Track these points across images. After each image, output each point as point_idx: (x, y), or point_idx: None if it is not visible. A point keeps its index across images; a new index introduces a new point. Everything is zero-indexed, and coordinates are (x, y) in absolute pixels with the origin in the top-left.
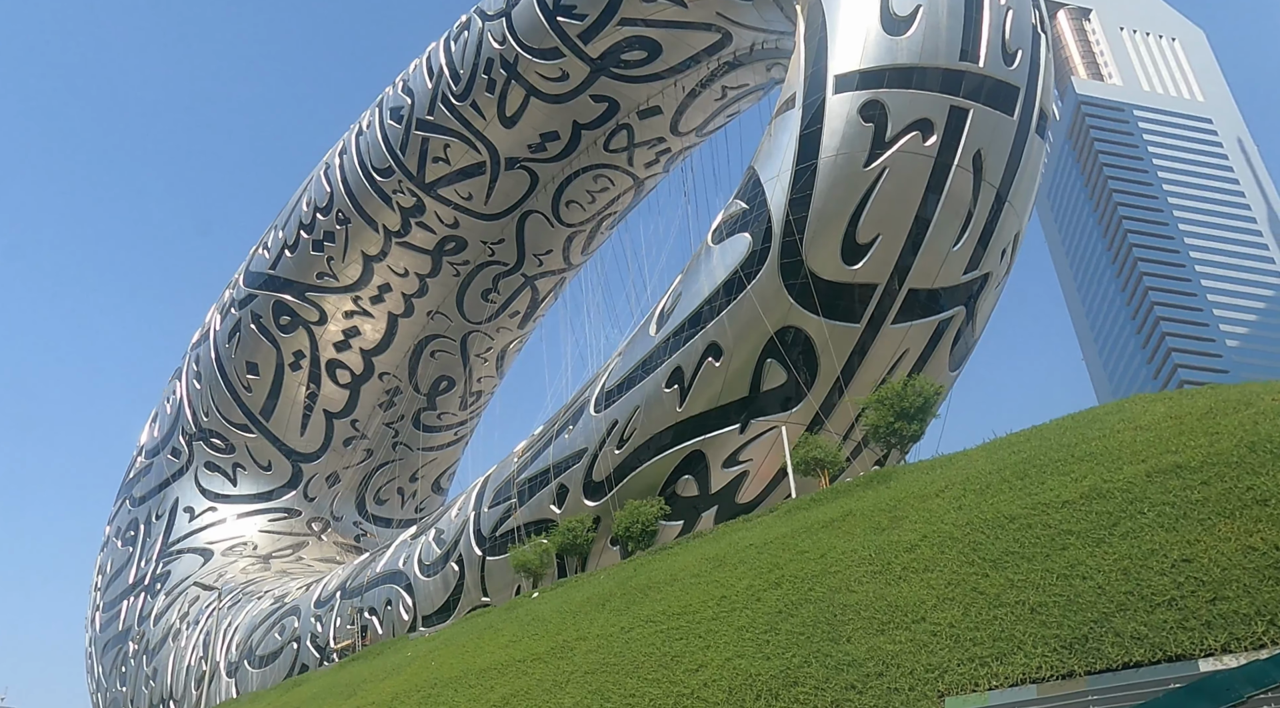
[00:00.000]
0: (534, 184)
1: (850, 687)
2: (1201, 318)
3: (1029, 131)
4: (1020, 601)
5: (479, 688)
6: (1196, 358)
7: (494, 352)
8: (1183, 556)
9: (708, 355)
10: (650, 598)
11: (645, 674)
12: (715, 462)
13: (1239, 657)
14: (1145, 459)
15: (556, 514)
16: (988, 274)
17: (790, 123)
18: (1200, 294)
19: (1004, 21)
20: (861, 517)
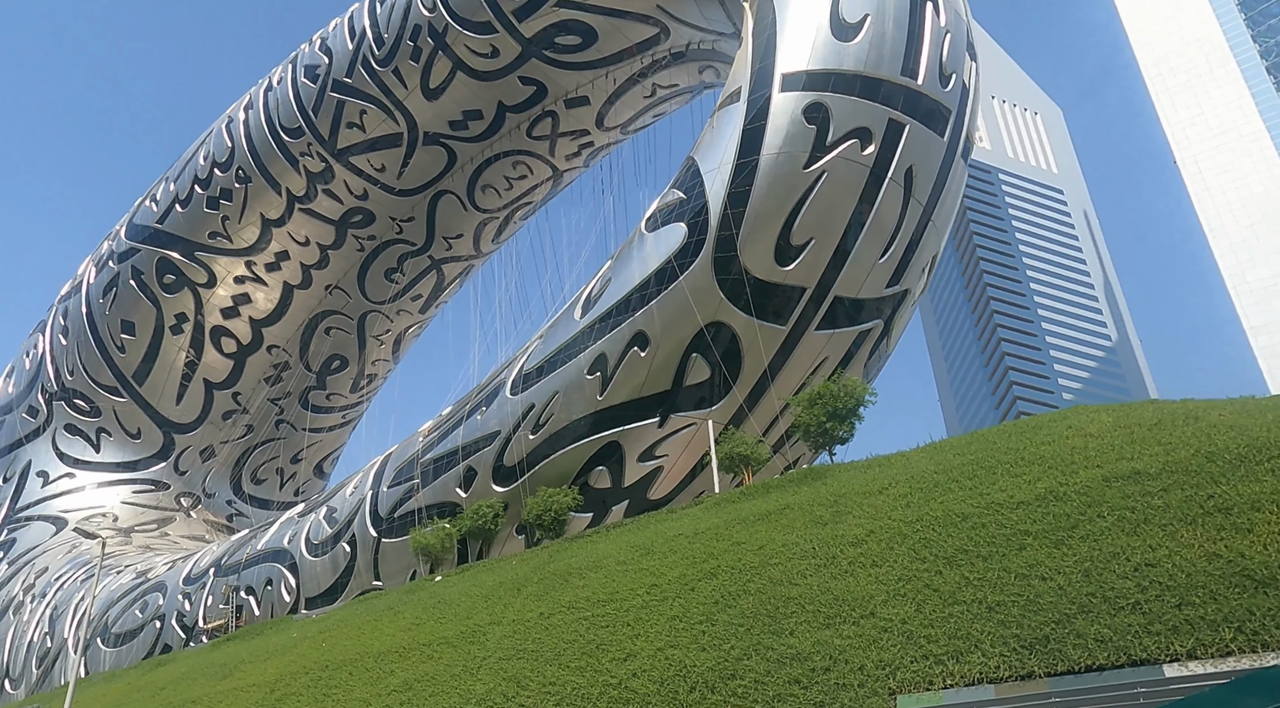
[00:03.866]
0: (451, 163)
1: (794, 681)
2: (1044, 371)
3: (956, 154)
4: (977, 599)
5: (377, 672)
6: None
7: (392, 334)
8: (1145, 560)
9: (634, 344)
10: (572, 584)
11: (568, 662)
12: (631, 454)
13: (1205, 663)
14: (1100, 465)
15: (462, 498)
16: (907, 290)
17: (734, 116)
18: (1044, 349)
19: (943, 43)
20: (800, 511)
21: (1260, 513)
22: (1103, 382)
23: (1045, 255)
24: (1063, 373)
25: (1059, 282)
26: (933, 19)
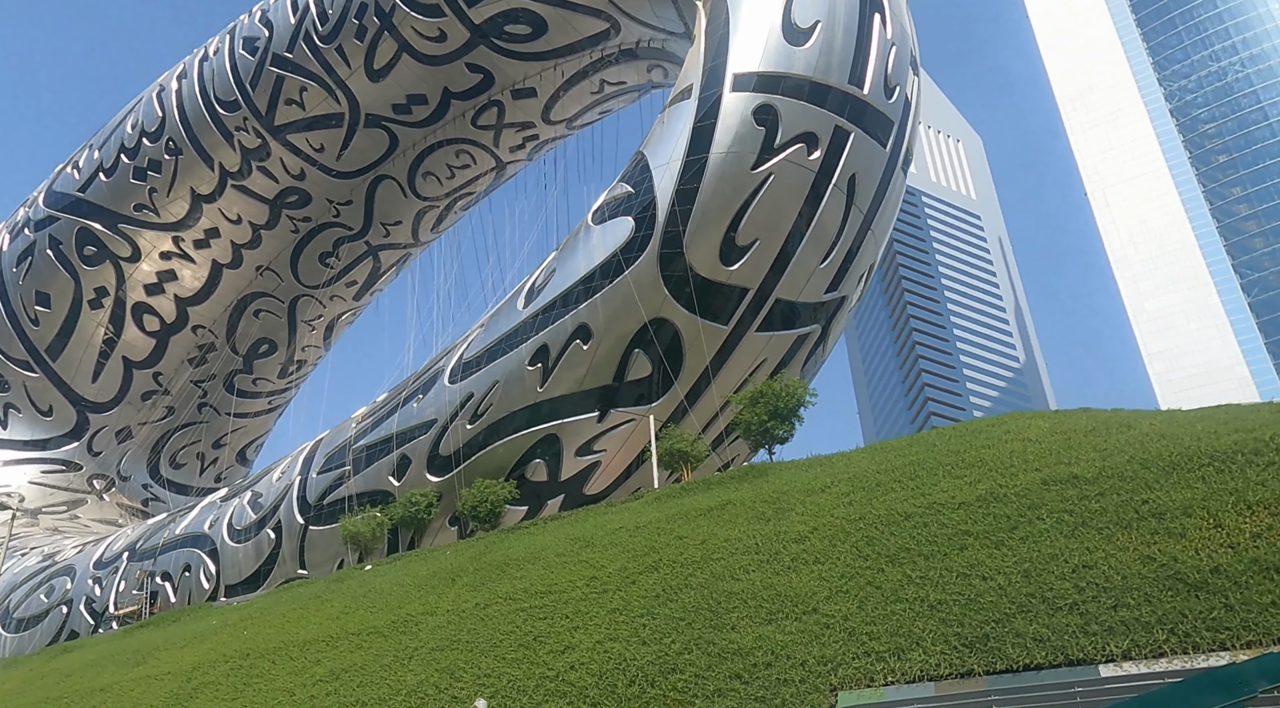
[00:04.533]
0: (392, 147)
1: (735, 676)
2: (957, 388)
3: (896, 166)
4: (919, 597)
5: (302, 661)
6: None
7: (324, 320)
8: (1083, 562)
9: (576, 337)
10: (509, 575)
11: (503, 654)
12: (569, 448)
13: (1139, 664)
14: (1039, 468)
15: (395, 486)
16: (845, 297)
17: (685, 113)
18: (958, 367)
19: (889, 55)
20: (743, 507)
21: (1191, 519)
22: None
23: (962, 277)
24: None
25: (973, 303)
26: (880, 30)
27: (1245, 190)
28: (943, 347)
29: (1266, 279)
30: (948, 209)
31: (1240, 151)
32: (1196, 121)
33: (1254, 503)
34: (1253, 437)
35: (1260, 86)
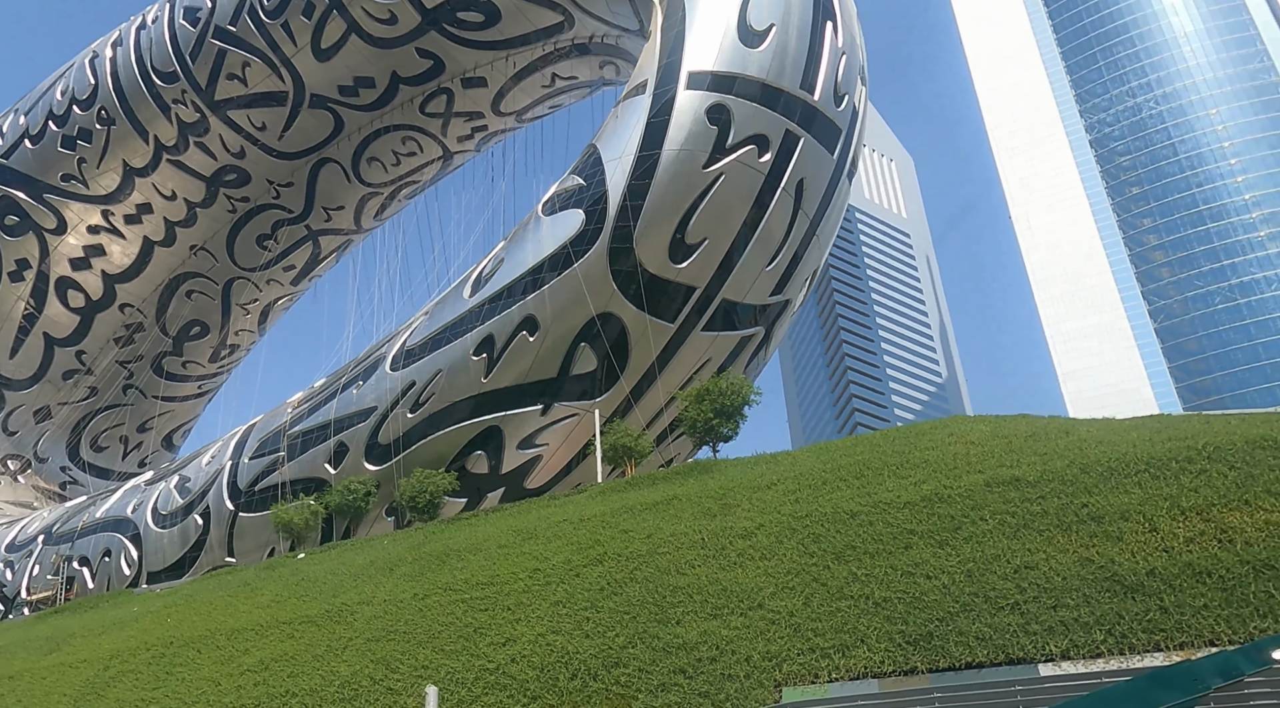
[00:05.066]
0: (337, 130)
1: (680, 671)
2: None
3: (842, 174)
4: (864, 595)
5: (229, 650)
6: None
7: (259, 304)
8: (1024, 563)
9: (523, 328)
10: (449, 566)
11: (442, 645)
12: (512, 441)
13: (1077, 663)
14: (981, 470)
15: (331, 474)
16: (789, 301)
17: (639, 108)
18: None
19: (839, 64)
20: (689, 502)
21: (1128, 523)
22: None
23: (890, 292)
24: (898, 403)
25: (900, 317)
26: (831, 38)
27: (1155, 221)
28: (870, 358)
29: (1170, 306)
30: (879, 226)
31: (1151, 184)
32: (1113, 153)
33: (1187, 509)
34: (1185, 445)
35: (1171, 123)
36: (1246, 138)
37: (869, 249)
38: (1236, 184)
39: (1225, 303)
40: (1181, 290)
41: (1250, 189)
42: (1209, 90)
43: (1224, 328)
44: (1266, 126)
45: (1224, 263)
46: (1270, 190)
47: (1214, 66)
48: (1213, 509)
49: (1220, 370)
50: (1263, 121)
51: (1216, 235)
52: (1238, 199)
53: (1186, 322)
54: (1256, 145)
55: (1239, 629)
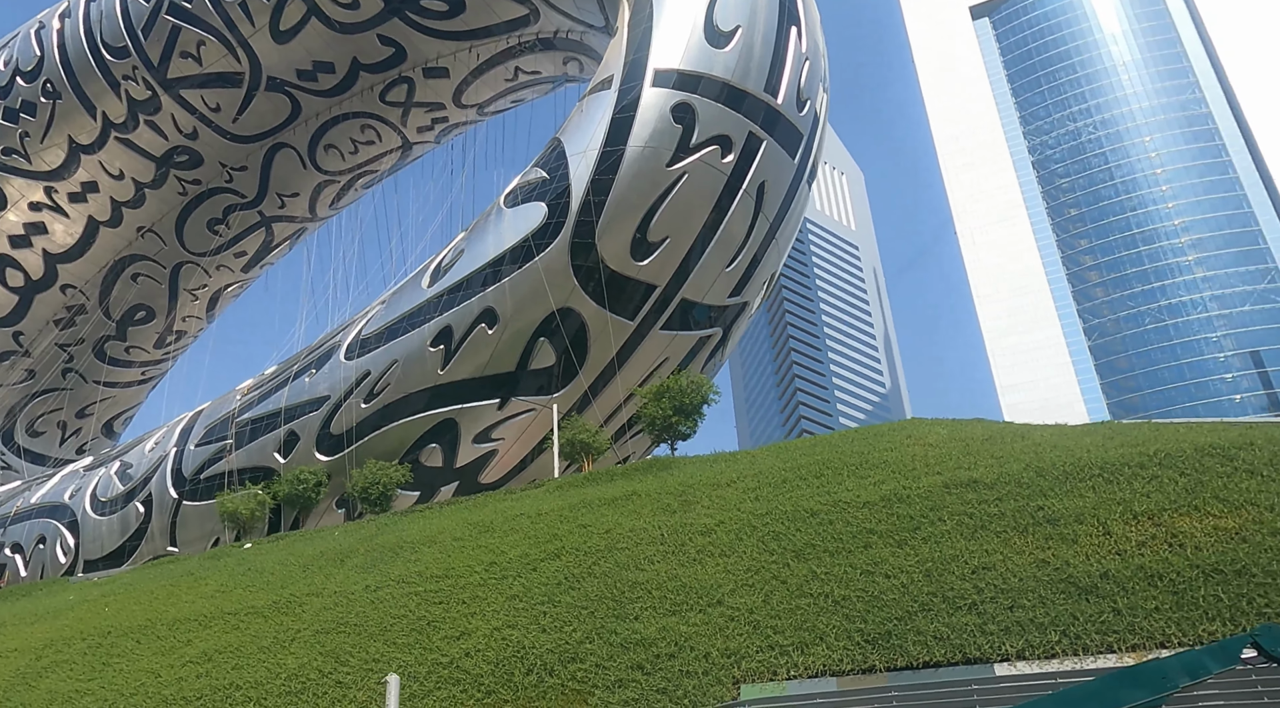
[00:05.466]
0: (295, 115)
1: (637, 667)
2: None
3: (802, 179)
4: (823, 593)
5: (170, 641)
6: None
7: (208, 291)
8: (982, 563)
9: (482, 320)
10: (402, 558)
11: (395, 639)
12: (467, 435)
13: (1032, 664)
14: (939, 472)
15: (280, 463)
16: (747, 303)
17: (604, 103)
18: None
19: (802, 69)
20: (648, 498)
21: (1083, 526)
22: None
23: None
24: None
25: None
26: (796, 43)
27: (1091, 242)
28: (817, 366)
29: (1104, 324)
30: (830, 237)
31: (1089, 206)
32: (1054, 175)
33: (1139, 513)
34: (1137, 451)
35: (1108, 149)
36: (1177, 166)
37: (818, 259)
38: (1167, 210)
39: (1154, 323)
40: (1115, 310)
41: (1180, 215)
42: (1144, 118)
43: (1152, 347)
44: (1196, 156)
45: (1154, 285)
46: (1198, 216)
47: (1149, 96)
48: (1164, 514)
49: (1148, 388)
50: (1193, 151)
51: (1148, 258)
52: (1168, 224)
53: (1118, 340)
54: (1186, 173)
55: (1189, 632)
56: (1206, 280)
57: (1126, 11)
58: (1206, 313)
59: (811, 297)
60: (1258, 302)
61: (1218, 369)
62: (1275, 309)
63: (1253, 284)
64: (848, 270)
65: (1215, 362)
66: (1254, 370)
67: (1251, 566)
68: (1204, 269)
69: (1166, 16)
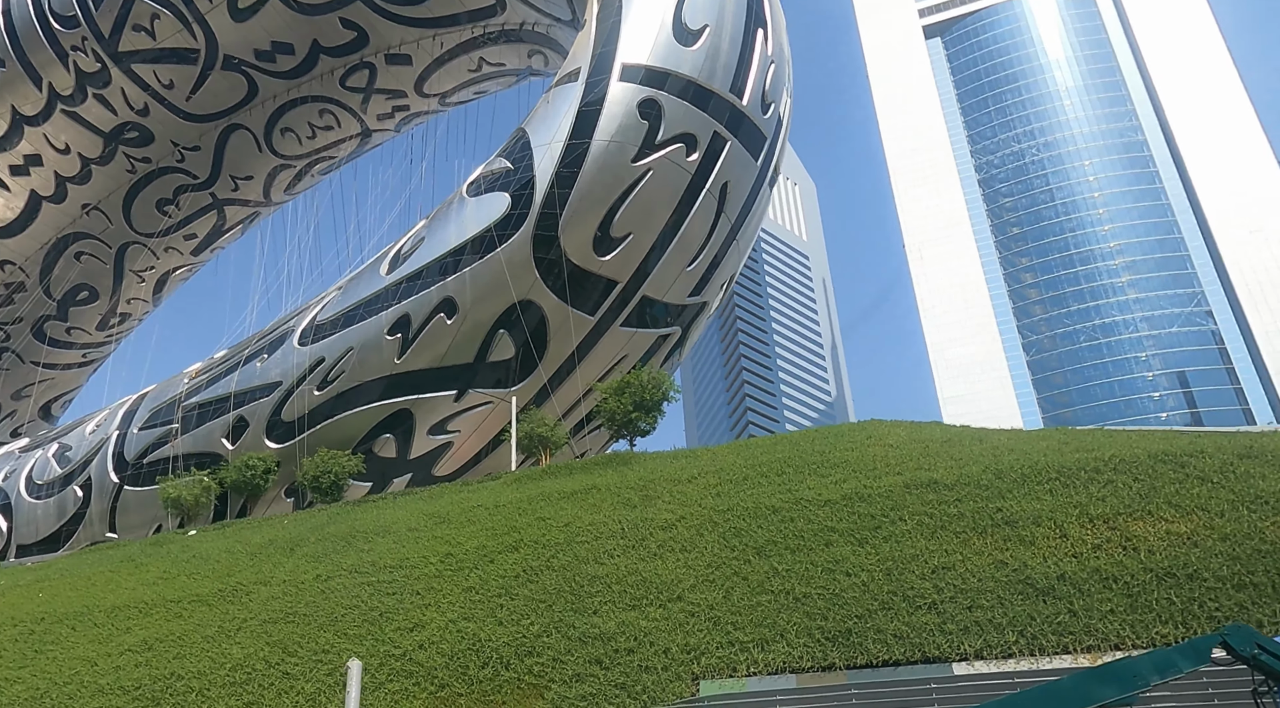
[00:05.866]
0: (251, 96)
1: (596, 661)
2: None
3: (764, 182)
4: (784, 590)
5: (109, 628)
6: None
7: (155, 273)
8: (941, 563)
9: (441, 310)
10: (355, 547)
11: (346, 629)
12: (423, 426)
13: (990, 663)
14: (900, 472)
15: (228, 450)
16: (706, 303)
17: (571, 95)
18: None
19: (768, 71)
20: (609, 492)
21: (1040, 528)
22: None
23: (788, 311)
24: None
25: (796, 336)
26: (762, 45)
27: (1031, 260)
28: (765, 373)
29: (1041, 342)
30: (782, 247)
31: (1030, 226)
32: (998, 194)
33: (1095, 516)
34: (1092, 456)
35: (1050, 171)
36: (1114, 190)
37: (770, 267)
38: (1104, 232)
39: (1089, 341)
40: (1052, 327)
41: (1115, 237)
42: (1084, 143)
43: (1086, 364)
44: (1131, 181)
45: (1090, 304)
46: (1132, 240)
47: (1090, 121)
48: (1118, 518)
49: (1081, 403)
50: (1129, 176)
51: (1084, 278)
52: (1104, 246)
53: (1055, 357)
54: (1122, 197)
55: (1142, 634)
56: (1138, 301)
57: (1070, 39)
58: (1137, 332)
59: (762, 304)
60: (1184, 324)
61: (1146, 387)
62: (1200, 331)
63: (1180, 306)
64: (798, 279)
65: (1144, 380)
66: (1180, 390)
67: (1203, 570)
68: (1136, 290)
69: (1107, 45)
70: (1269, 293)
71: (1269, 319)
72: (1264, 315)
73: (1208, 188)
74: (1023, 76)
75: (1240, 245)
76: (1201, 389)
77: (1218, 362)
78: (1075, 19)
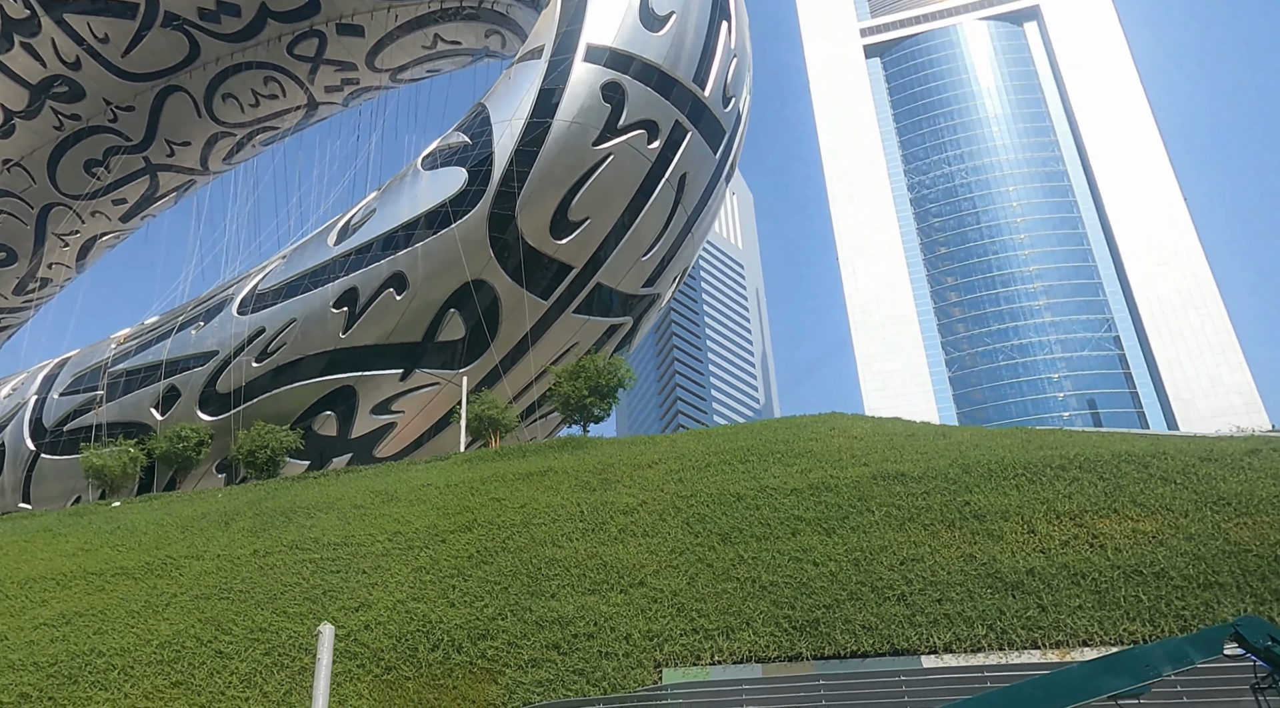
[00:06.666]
0: (192, 57)
1: (553, 646)
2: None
3: (721, 176)
4: (750, 578)
5: (21, 600)
6: None
7: (80, 238)
8: (910, 555)
9: (390, 285)
10: (296, 524)
11: (284, 608)
12: (366, 404)
13: (959, 656)
14: (866, 463)
15: (157, 420)
16: (658, 295)
17: (533, 73)
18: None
19: (730, 64)
20: (566, 475)
21: (1009, 522)
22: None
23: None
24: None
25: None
26: (725, 38)
27: (957, 280)
28: (697, 377)
29: (963, 358)
30: (718, 255)
31: (956, 246)
32: (928, 214)
33: (1062, 513)
34: (1057, 453)
35: (977, 195)
36: (1035, 216)
37: (705, 273)
38: (1024, 256)
39: (1007, 361)
40: (973, 345)
41: (1034, 262)
42: (1009, 169)
43: (1003, 382)
44: (1051, 208)
45: (1009, 325)
46: (1050, 265)
47: (1015, 149)
48: (1085, 515)
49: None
50: (1049, 204)
51: (1005, 300)
52: (1024, 270)
53: (975, 374)
54: (1042, 224)
55: (1110, 630)
56: (1053, 325)
57: (1000, 69)
58: (1051, 354)
59: (697, 309)
60: (1095, 348)
61: (1057, 407)
62: (1109, 356)
63: (1092, 331)
64: (732, 288)
65: (1055, 399)
66: (1088, 411)
67: (1169, 569)
68: (1052, 314)
69: (1035, 78)
70: (1172, 323)
71: (1171, 348)
72: (1167, 344)
73: (1121, 219)
74: (955, 101)
75: (1148, 276)
76: (1108, 411)
77: (1123, 385)
78: (1006, 50)
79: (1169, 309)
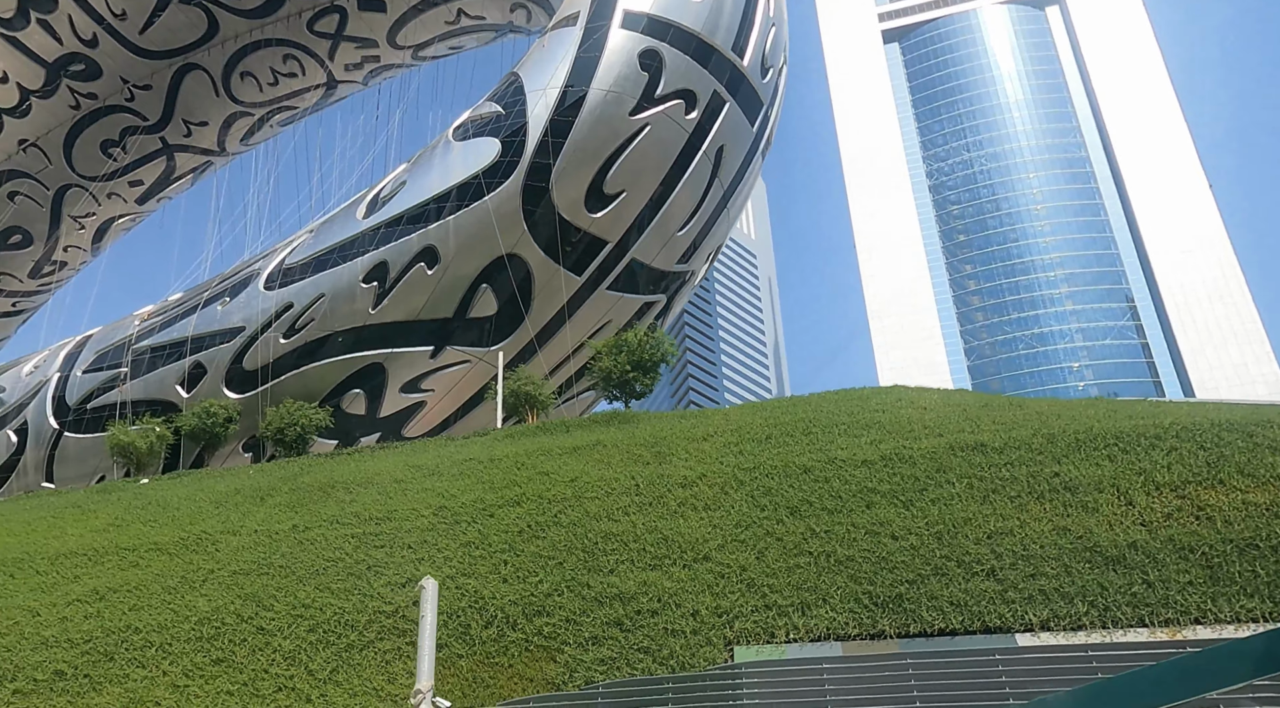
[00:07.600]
0: (211, 34)
1: (615, 623)
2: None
3: (758, 150)
4: (824, 552)
5: (53, 576)
6: None
7: (96, 220)
8: (997, 528)
9: (421, 259)
10: (334, 499)
11: (328, 584)
12: (395, 382)
13: (1058, 635)
14: (941, 434)
15: (183, 398)
16: (693, 272)
17: (568, 40)
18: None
19: (769, 33)
20: (616, 449)
21: (1103, 494)
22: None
23: (735, 308)
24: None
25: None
26: (765, 5)
27: (975, 268)
28: (710, 368)
29: (982, 347)
30: (730, 243)
31: (974, 234)
32: (947, 201)
33: (1161, 484)
34: (1151, 423)
35: (996, 181)
36: (1057, 203)
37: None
38: (1045, 244)
39: (1026, 349)
40: (992, 334)
41: (1056, 250)
42: (1030, 156)
43: (1022, 372)
44: (1073, 195)
45: (1028, 314)
46: (1071, 253)
47: (1036, 135)
48: (1188, 486)
49: None
50: (1071, 190)
51: (1024, 288)
52: (1045, 257)
53: (993, 363)
54: (1064, 211)
55: (1224, 608)
56: (1074, 313)
57: (1021, 53)
58: (1071, 343)
59: (709, 299)
60: (1117, 337)
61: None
62: (1131, 345)
63: (1114, 320)
64: (745, 277)
65: (1075, 390)
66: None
67: None
68: (1073, 303)
69: (1056, 63)
70: (1197, 313)
71: (1195, 338)
72: (1190, 334)
73: (1144, 207)
74: (975, 87)
75: (1173, 265)
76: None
77: (1146, 375)
78: (1026, 34)
79: (1194, 298)
